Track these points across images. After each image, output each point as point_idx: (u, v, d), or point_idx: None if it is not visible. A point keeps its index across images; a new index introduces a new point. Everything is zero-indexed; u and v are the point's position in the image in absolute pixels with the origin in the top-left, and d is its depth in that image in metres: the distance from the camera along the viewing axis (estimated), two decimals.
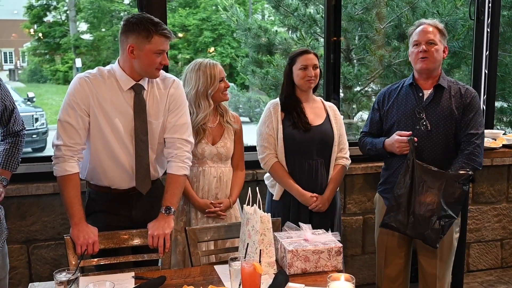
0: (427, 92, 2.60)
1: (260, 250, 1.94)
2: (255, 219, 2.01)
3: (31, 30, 18.39)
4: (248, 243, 2.02)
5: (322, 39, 5.02)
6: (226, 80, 2.69)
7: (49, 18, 17.87)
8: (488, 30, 3.76)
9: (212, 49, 15.34)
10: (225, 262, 2.01)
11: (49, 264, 3.03)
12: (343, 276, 1.66)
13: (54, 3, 17.77)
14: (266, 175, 2.86)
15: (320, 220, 2.71)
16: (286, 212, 2.74)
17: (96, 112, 2.21)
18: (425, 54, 2.54)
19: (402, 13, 5.11)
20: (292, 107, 2.74)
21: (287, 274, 1.94)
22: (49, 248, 3.02)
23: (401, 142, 2.53)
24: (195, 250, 2.31)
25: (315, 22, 5.38)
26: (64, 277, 1.72)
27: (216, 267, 2.10)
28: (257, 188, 2.10)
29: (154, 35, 2.16)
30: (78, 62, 16.37)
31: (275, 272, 1.98)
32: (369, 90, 5.76)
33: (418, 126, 2.57)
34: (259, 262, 1.84)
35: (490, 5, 3.72)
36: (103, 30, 17.03)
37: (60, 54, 18.37)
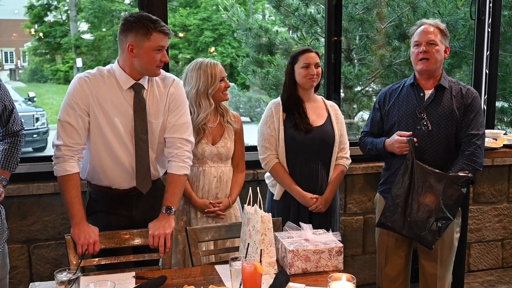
0: (428, 92, 2.60)
1: (261, 250, 1.94)
2: (256, 219, 2.01)
3: (32, 30, 18.35)
4: (248, 243, 2.02)
5: (322, 39, 5.01)
6: (226, 79, 2.69)
7: (49, 18, 17.84)
8: (489, 30, 3.76)
9: (212, 49, 15.32)
10: (225, 262, 2.01)
11: (49, 263, 3.03)
12: (344, 276, 1.66)
13: (55, 3, 17.74)
14: (267, 174, 2.86)
15: (320, 220, 2.71)
16: (286, 212, 2.74)
17: (96, 112, 2.21)
18: (425, 55, 2.53)
19: (402, 13, 5.11)
20: (294, 107, 2.74)
21: (288, 274, 1.94)
22: (49, 247, 3.02)
23: (401, 142, 2.53)
24: (196, 250, 2.31)
25: (316, 22, 5.38)
26: (65, 277, 1.72)
27: (217, 267, 2.10)
28: (257, 188, 2.10)
29: (153, 32, 2.16)
30: (79, 62, 16.35)
31: (276, 272, 1.98)
32: (369, 90, 5.76)
33: (419, 126, 2.57)
34: (260, 262, 1.84)
35: (491, 5, 3.72)
36: (104, 30, 17.00)
37: (60, 54, 18.34)
